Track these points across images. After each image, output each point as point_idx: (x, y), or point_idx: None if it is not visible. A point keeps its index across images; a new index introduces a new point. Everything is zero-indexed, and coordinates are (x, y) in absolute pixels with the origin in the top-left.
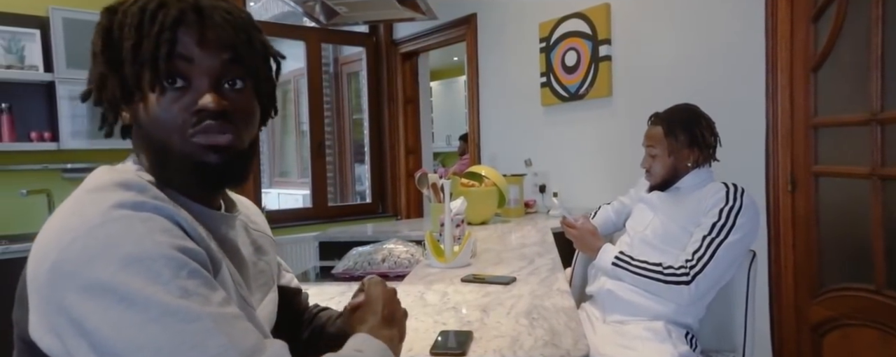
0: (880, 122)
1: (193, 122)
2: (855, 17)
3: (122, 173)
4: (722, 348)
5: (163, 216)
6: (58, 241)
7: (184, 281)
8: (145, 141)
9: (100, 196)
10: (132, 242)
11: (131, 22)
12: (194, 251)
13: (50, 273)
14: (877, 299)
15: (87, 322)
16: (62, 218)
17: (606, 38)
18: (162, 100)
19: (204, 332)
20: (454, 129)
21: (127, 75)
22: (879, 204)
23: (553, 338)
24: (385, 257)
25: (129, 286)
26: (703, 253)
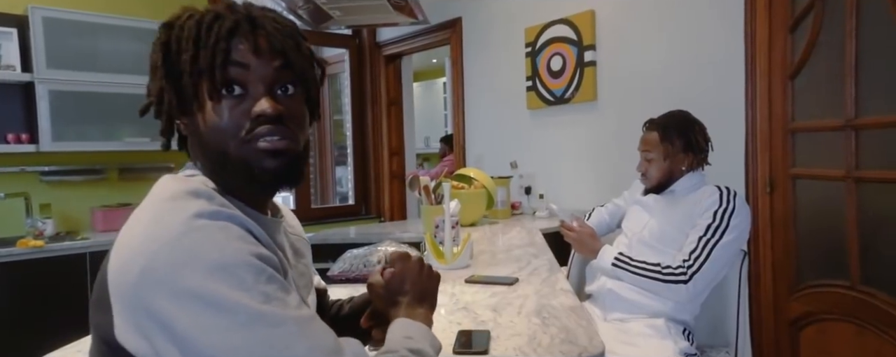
0: (854, 127)
1: (250, 128)
2: (830, 27)
3: (189, 182)
4: (716, 343)
5: (236, 224)
6: (144, 248)
7: (264, 286)
8: (203, 149)
9: (178, 205)
10: (215, 250)
11: (188, 35)
12: (268, 257)
13: (138, 279)
14: (851, 295)
15: (177, 326)
16: (144, 226)
17: (591, 43)
18: (219, 108)
19: (289, 335)
20: (433, 130)
21: (185, 86)
22: (854, 204)
23: (568, 335)
24: (380, 259)
25: (217, 293)
26: (700, 253)
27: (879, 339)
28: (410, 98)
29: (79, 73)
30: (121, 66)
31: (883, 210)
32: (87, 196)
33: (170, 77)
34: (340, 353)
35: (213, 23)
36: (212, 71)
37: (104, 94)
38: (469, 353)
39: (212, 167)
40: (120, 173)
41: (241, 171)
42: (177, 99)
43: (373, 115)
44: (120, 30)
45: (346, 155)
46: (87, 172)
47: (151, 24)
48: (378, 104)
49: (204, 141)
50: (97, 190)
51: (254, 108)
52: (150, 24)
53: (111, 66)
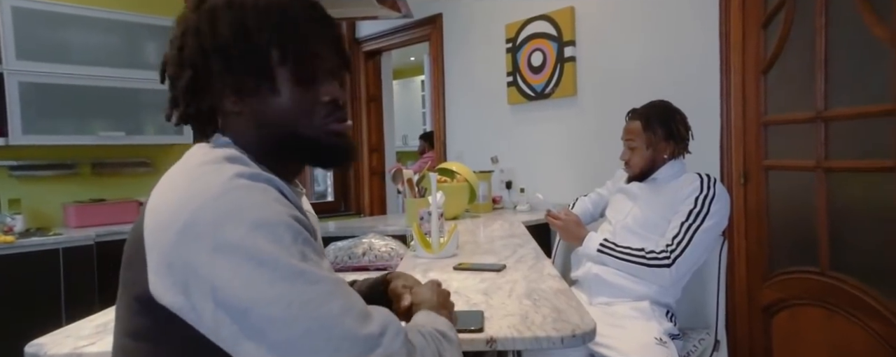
0: (824, 119)
1: (324, 113)
2: (801, 24)
3: (224, 149)
4: (696, 325)
5: (274, 187)
6: (185, 206)
7: (301, 247)
8: (262, 127)
9: (217, 167)
10: (257, 208)
11: (271, 20)
12: (304, 221)
13: (180, 234)
14: (821, 280)
15: (218, 278)
16: (184, 186)
17: (571, 39)
18: (294, 91)
19: (326, 293)
20: (411, 128)
21: (258, 68)
22: (823, 194)
23: (560, 315)
24: (365, 251)
25: (258, 247)
26: (682, 238)
27: (848, 322)
28: (390, 94)
29: (50, 65)
30: (94, 59)
31: (851, 198)
32: (58, 191)
33: (239, 55)
34: (370, 317)
35: (295, 10)
36: (300, 59)
37: (77, 87)
38: (464, 332)
39: (267, 144)
40: (93, 168)
41: (312, 150)
42: (242, 79)
43: (353, 112)
44: (93, 21)
45: None
46: (58, 167)
47: (125, 16)
48: (358, 100)
49: (267, 121)
50: (69, 185)
51: (325, 95)
52: (124, 16)
53: (84, 58)
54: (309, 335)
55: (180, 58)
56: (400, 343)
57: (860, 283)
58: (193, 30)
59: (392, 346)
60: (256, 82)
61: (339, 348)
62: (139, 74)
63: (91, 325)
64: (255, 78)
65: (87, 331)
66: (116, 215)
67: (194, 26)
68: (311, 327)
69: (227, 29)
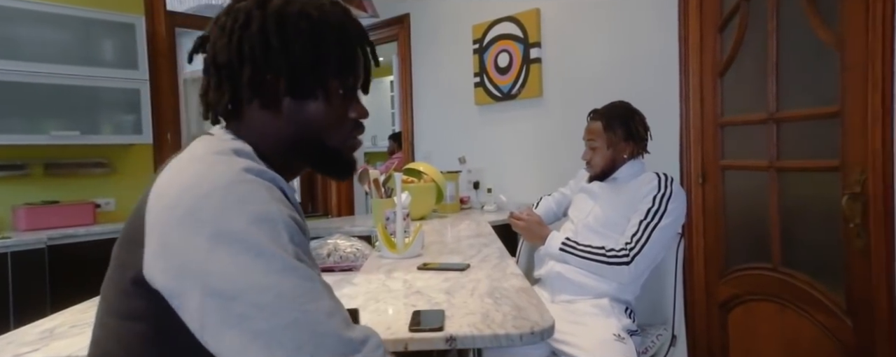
0: (776, 120)
1: (350, 128)
2: (754, 27)
3: (232, 142)
4: (654, 322)
5: (278, 187)
6: (193, 190)
7: (296, 247)
8: (285, 128)
9: (227, 159)
10: (260, 203)
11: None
12: (301, 223)
13: (183, 217)
14: (773, 276)
15: (212, 264)
16: (193, 172)
17: (537, 41)
18: (335, 103)
19: (318, 291)
20: (380, 129)
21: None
22: (776, 193)
23: (520, 312)
24: (330, 252)
25: (257, 239)
26: (641, 235)
27: (798, 315)
28: None
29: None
30: (46, 55)
31: (800, 197)
32: (8, 193)
33: (303, 61)
34: (353, 327)
35: (354, 30)
36: (349, 74)
37: (27, 85)
38: (424, 331)
39: (288, 144)
40: (45, 169)
41: (331, 158)
42: (299, 82)
43: None
44: (45, 16)
45: None
46: (7, 168)
47: (80, 12)
48: None
49: (299, 123)
50: (20, 186)
51: (356, 113)
52: (79, 12)
53: (35, 54)
54: (294, 327)
55: (239, 51)
56: (380, 354)
57: (809, 278)
58: (258, 27)
59: (372, 355)
60: (312, 88)
61: (321, 345)
62: (96, 72)
63: (36, 331)
64: (312, 83)
65: (32, 337)
66: (71, 218)
67: (259, 24)
68: (299, 319)
69: (301, 36)
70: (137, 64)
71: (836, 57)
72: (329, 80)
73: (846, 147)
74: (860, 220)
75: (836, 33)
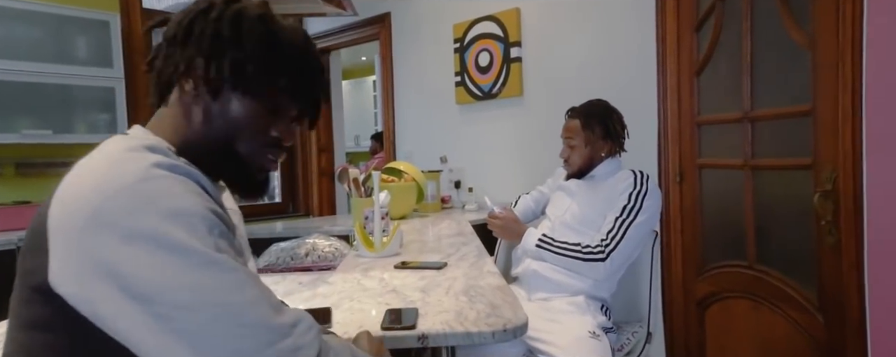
0: (750, 119)
1: (265, 143)
2: (729, 27)
3: (146, 139)
4: (630, 319)
5: (193, 181)
6: (98, 192)
7: (217, 239)
8: (208, 124)
9: (137, 155)
10: (173, 198)
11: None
12: (222, 215)
13: (88, 221)
14: (748, 273)
15: (124, 267)
16: (98, 172)
17: (517, 40)
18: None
19: (240, 281)
20: (363, 128)
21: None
22: (751, 191)
23: (494, 310)
24: (308, 252)
25: (171, 235)
26: (616, 232)
27: (772, 312)
28: (339, 94)
29: None
30: (17, 52)
31: (774, 195)
32: None
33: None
34: (284, 311)
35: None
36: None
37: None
38: (397, 329)
39: (200, 138)
40: (17, 168)
41: (235, 168)
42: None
43: None
44: (16, 13)
45: None
46: None
47: (53, 9)
48: None
49: (216, 118)
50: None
51: (278, 133)
52: (52, 9)
53: (9, 51)
54: (216, 321)
55: (188, 32)
56: (312, 336)
57: (782, 275)
58: (216, 15)
59: (303, 337)
60: (249, 90)
61: (247, 335)
62: (69, 69)
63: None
64: (251, 86)
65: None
66: None
67: (218, 13)
68: (219, 314)
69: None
70: (112, 62)
71: (808, 56)
72: (264, 85)
73: (818, 145)
74: (831, 218)
75: (808, 33)
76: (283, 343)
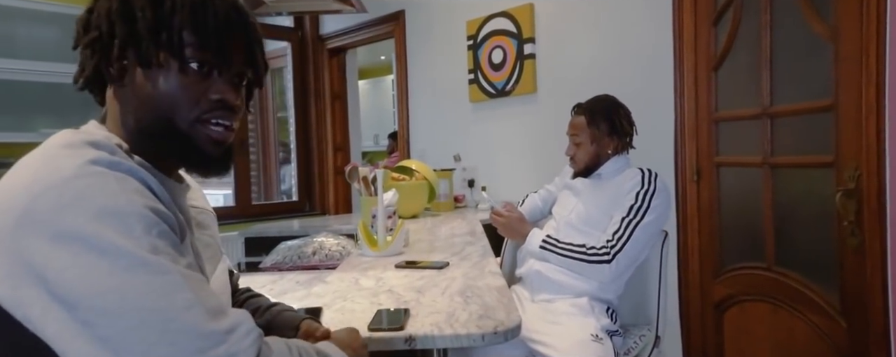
0: (770, 115)
1: (206, 109)
2: (748, 21)
3: (91, 134)
4: (638, 322)
5: (136, 178)
6: (27, 190)
7: (154, 239)
8: (139, 109)
9: (74, 152)
10: (106, 196)
11: (185, 2)
12: (165, 214)
13: (18, 220)
14: (767, 276)
15: (50, 269)
16: (33, 170)
17: (531, 36)
18: (179, 78)
19: (172, 284)
20: (382, 127)
21: (160, 43)
22: (769, 190)
23: (487, 312)
24: (315, 250)
25: (101, 236)
26: (622, 233)
27: (791, 315)
28: (355, 93)
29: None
30: (37, 53)
31: (794, 194)
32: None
33: (145, 26)
34: (222, 314)
35: (223, 8)
36: (201, 47)
37: (18, 82)
38: (384, 330)
39: (141, 125)
40: None
41: (182, 145)
42: (140, 49)
43: (316, 110)
44: (37, 14)
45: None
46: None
47: (74, 10)
48: (322, 99)
49: (148, 99)
50: None
51: (215, 94)
52: (72, 10)
53: (27, 52)
54: (142, 327)
55: (87, 19)
56: (249, 342)
57: (803, 278)
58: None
59: (239, 343)
60: (158, 56)
61: (175, 342)
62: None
63: None
64: (159, 51)
65: None
66: None
67: None
68: (146, 319)
69: (141, 2)
70: None
71: (830, 49)
72: (179, 49)
73: (840, 142)
74: (854, 218)
75: (829, 25)
76: (216, 350)
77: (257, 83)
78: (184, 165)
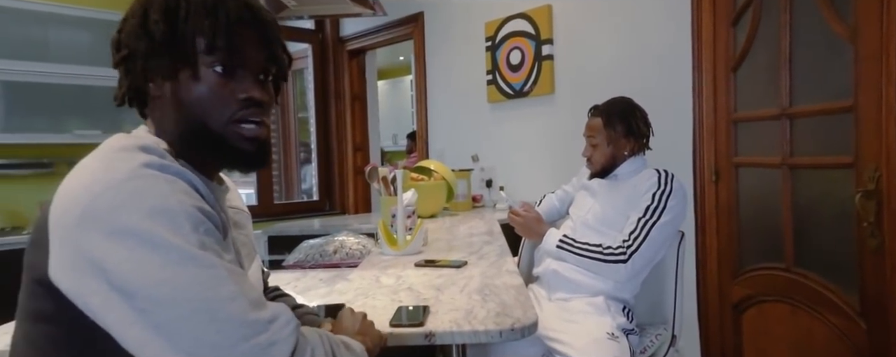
0: (789, 116)
1: (237, 109)
2: (767, 21)
3: (141, 138)
4: (654, 321)
5: (184, 180)
6: (89, 190)
7: (201, 236)
8: (176, 114)
9: (128, 155)
10: (158, 196)
11: (197, 8)
12: (210, 214)
13: (80, 218)
14: (786, 276)
15: (109, 261)
16: (91, 171)
17: (549, 37)
18: (207, 82)
19: (219, 277)
20: (400, 127)
21: (177, 52)
22: (788, 190)
23: (504, 309)
24: (336, 249)
25: (154, 232)
26: (638, 233)
27: (810, 316)
28: (374, 93)
29: (27, 63)
30: (70, 57)
31: (813, 195)
32: (34, 190)
33: (162, 39)
34: (264, 307)
35: (227, 6)
36: (222, 50)
37: (53, 85)
38: (404, 326)
39: (179, 132)
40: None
41: (217, 146)
42: (162, 62)
43: (336, 110)
44: (69, 19)
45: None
46: (34, 166)
47: (104, 15)
48: (342, 99)
49: (181, 108)
50: (45, 184)
51: (242, 93)
52: (101, 14)
53: (60, 56)
54: (192, 316)
55: (119, 40)
56: (289, 331)
57: (822, 279)
58: (131, 12)
59: (279, 333)
60: (177, 66)
61: (222, 330)
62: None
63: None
64: (178, 62)
65: None
66: None
67: (132, 9)
68: (197, 308)
69: (158, 13)
70: None
71: (850, 49)
72: (196, 56)
73: (860, 143)
74: (874, 219)
75: (849, 25)
76: (259, 338)
77: (282, 77)
78: (224, 164)
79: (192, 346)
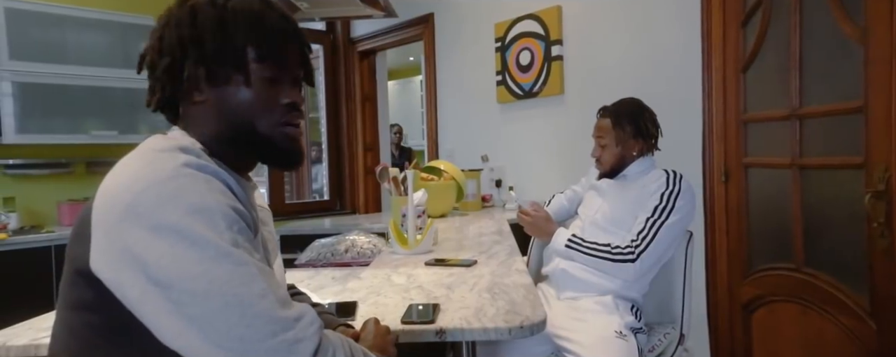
0: (799, 116)
1: (282, 113)
2: (777, 22)
3: (179, 139)
4: (663, 320)
5: (220, 180)
6: (131, 187)
7: (235, 234)
8: (220, 118)
9: (169, 155)
10: (197, 195)
11: (246, 21)
12: (243, 213)
13: (123, 213)
14: (796, 277)
15: (149, 255)
16: (134, 170)
17: (558, 38)
18: (255, 89)
19: (250, 275)
20: (411, 127)
21: (233, 62)
22: (798, 191)
23: (513, 307)
24: (347, 248)
25: (192, 229)
26: (647, 233)
27: (821, 316)
28: (385, 94)
29: (45, 64)
30: (87, 59)
31: (823, 195)
32: (53, 190)
33: (215, 48)
34: (291, 305)
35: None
36: (270, 59)
37: (71, 87)
38: (416, 323)
39: (223, 135)
40: (87, 167)
41: (265, 148)
42: (215, 69)
43: (347, 111)
44: (86, 21)
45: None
46: (52, 166)
47: (121, 17)
48: (352, 100)
49: (228, 112)
50: (63, 184)
51: (285, 98)
52: (117, 17)
53: (78, 58)
54: (225, 310)
55: (160, 46)
56: (313, 331)
57: (832, 279)
58: (175, 22)
59: (305, 331)
60: (229, 73)
61: (252, 324)
62: (133, 74)
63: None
64: (229, 69)
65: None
66: None
67: (176, 19)
68: (229, 302)
69: (209, 23)
70: None
71: (860, 50)
72: (246, 65)
73: (870, 144)
74: (884, 220)
75: (859, 26)
76: (286, 335)
77: (310, 81)
78: (268, 163)
79: (222, 338)
